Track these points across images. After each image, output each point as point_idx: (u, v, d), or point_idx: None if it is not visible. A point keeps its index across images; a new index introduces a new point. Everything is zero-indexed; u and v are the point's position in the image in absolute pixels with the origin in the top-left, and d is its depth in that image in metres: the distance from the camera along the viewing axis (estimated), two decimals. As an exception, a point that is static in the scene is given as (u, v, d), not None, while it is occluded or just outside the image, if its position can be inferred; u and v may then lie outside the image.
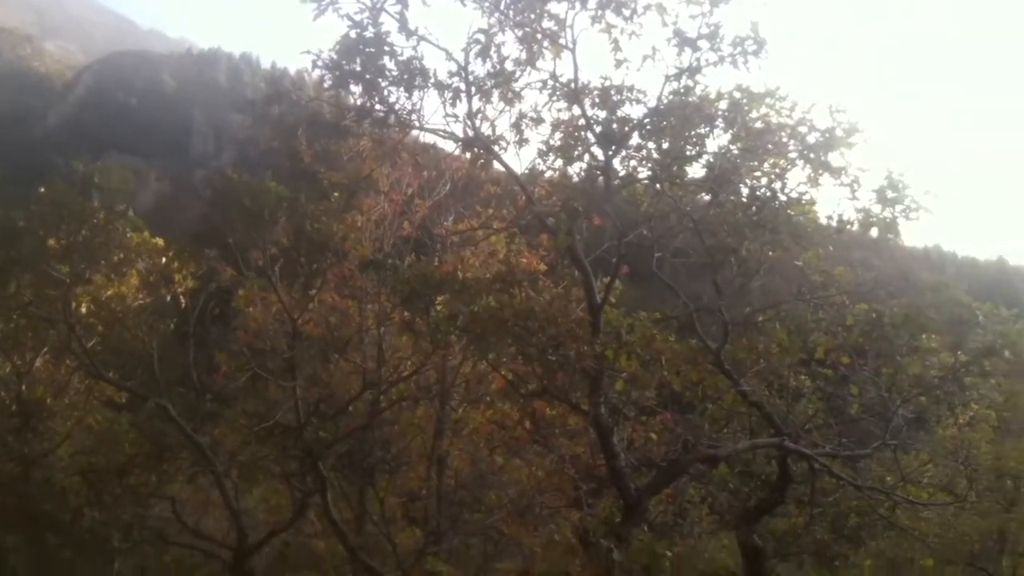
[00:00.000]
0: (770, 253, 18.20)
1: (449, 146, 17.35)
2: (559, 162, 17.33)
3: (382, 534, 18.55)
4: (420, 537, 20.42)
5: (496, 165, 17.34)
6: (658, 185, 17.55)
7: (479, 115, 16.41)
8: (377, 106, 16.30)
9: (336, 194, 18.24)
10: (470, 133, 16.12)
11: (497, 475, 20.74)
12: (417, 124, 16.27)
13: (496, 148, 16.61)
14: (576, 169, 17.22)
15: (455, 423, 21.15)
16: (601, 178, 16.58)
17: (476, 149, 16.57)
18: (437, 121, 16.45)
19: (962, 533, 23.53)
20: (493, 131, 16.41)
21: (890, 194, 17.18)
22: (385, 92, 16.17)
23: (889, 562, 23.69)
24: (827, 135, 16.48)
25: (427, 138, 20.44)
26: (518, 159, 23.97)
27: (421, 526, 21.19)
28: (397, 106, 16.28)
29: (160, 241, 20.19)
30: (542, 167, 17.47)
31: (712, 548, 24.14)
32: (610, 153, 16.40)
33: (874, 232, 18.04)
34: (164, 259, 19.79)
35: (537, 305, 16.16)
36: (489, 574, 19.29)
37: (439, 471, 21.25)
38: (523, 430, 20.51)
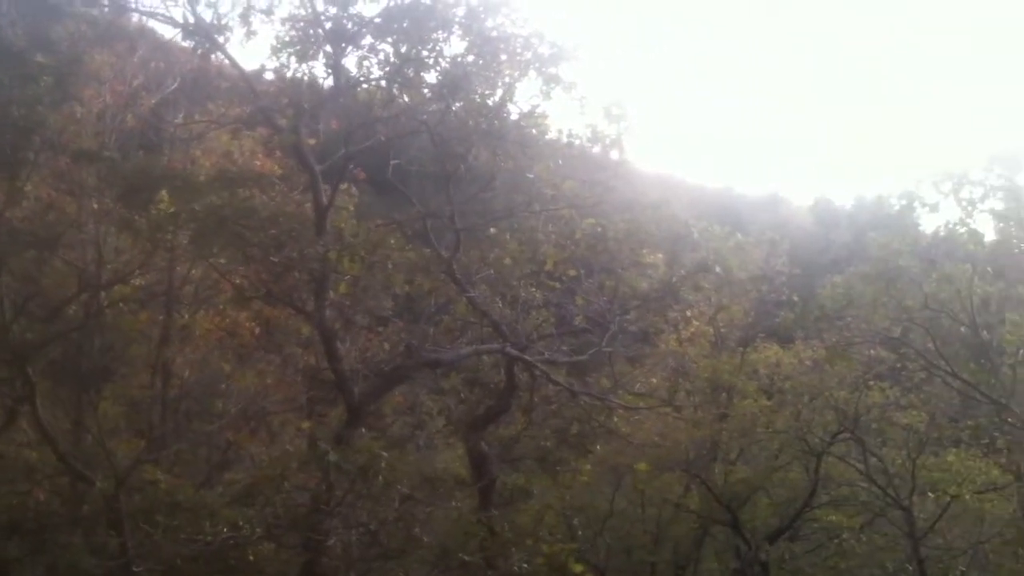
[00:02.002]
0: (502, 164, 18.49)
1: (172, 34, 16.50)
2: (292, 59, 16.80)
3: (97, 442, 17.70)
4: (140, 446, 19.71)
5: (223, 59, 16.62)
6: (394, 89, 17.39)
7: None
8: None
9: (47, 78, 16.90)
10: (191, 19, 15.35)
11: (225, 383, 20.31)
12: (132, 5, 15.32)
13: (222, 40, 15.92)
14: (308, 68, 16.72)
15: (182, 329, 20.42)
16: (331, 77, 16.22)
17: (198, 38, 15.81)
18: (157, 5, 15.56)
19: (677, 442, 25.05)
20: (218, 20, 15.68)
21: (615, 111, 17.81)
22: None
23: (611, 468, 24.94)
24: (557, 48, 16.78)
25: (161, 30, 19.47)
26: (246, 53, 23.00)
27: (145, 436, 20.44)
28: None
29: None
30: (274, 64, 16.91)
31: (448, 458, 24.65)
32: (341, 50, 16.03)
33: (598, 148, 18.69)
34: None
35: (260, 204, 15.71)
36: (215, 483, 18.83)
37: (164, 379, 20.53)
38: (252, 336, 20.11)
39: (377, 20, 15.92)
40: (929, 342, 21.36)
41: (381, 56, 17.00)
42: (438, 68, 17.05)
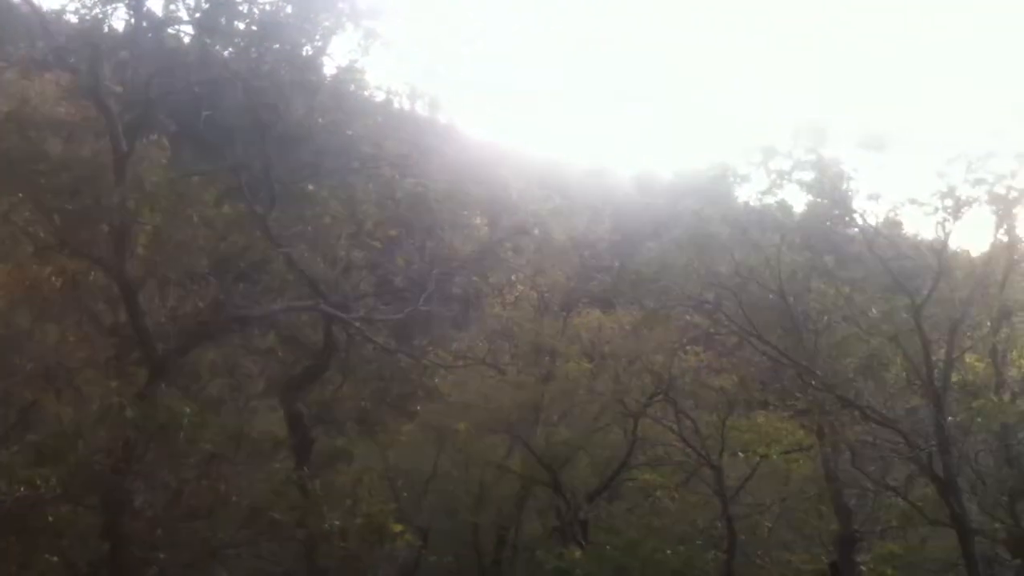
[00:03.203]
0: (319, 120, 18.10)
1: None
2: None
3: None
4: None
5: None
6: (204, 37, 16.76)
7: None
8: None
9: None
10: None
11: (24, 339, 19.21)
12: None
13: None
14: (111, 9, 15.92)
15: (-25, 282, 19.19)
16: (134, 20, 15.48)
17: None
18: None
19: (500, 404, 25.28)
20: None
21: (433, 70, 17.68)
22: None
23: (434, 430, 24.95)
24: (374, 1, 16.51)
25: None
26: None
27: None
28: None
29: None
30: (75, 5, 16.03)
31: (269, 420, 24.16)
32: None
33: (421, 107, 18.56)
34: None
35: (51, 148, 14.86)
36: (11, 443, 17.84)
37: (-44, 338, 19.28)
38: (55, 291, 19.08)
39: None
40: (739, 308, 22.14)
41: (190, 1, 16.38)
42: (251, 16, 16.55)
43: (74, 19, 16.69)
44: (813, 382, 20.63)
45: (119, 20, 16.20)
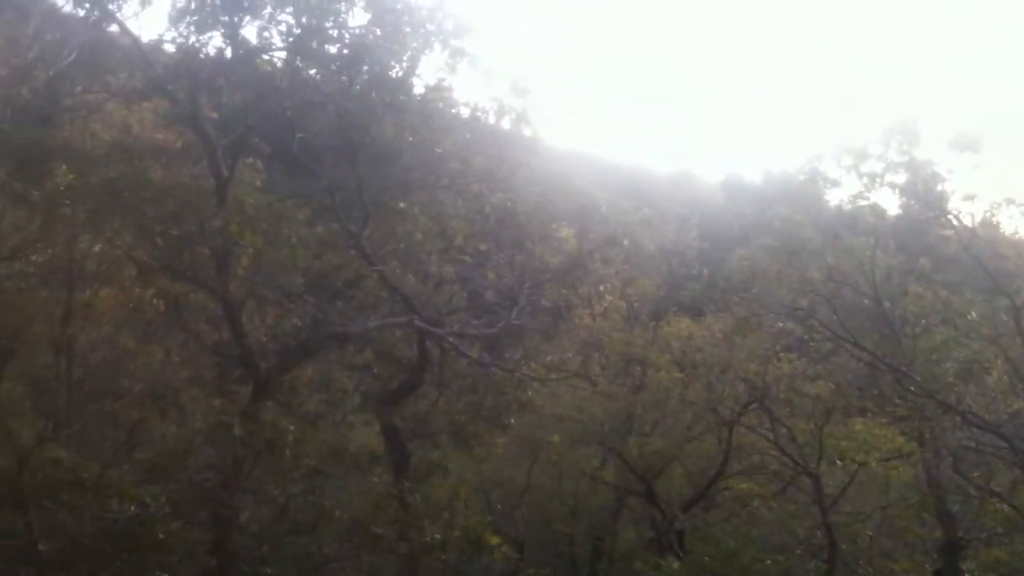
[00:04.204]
0: (409, 139, 18.42)
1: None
2: (191, 29, 16.50)
3: (1, 425, 17.24)
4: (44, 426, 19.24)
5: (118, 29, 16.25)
6: (296, 61, 17.21)
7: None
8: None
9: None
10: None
11: (130, 361, 19.93)
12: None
13: (115, 8, 15.55)
14: (207, 38, 16.45)
15: (84, 306, 19.95)
16: (230, 48, 15.98)
17: (90, 6, 15.43)
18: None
19: (592, 415, 25.29)
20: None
21: (520, 85, 17.87)
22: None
23: (527, 442, 25.06)
24: (461, 21, 16.77)
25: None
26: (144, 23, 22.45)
27: (49, 416, 19.97)
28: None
29: None
30: (172, 34, 16.61)
31: (364, 435, 24.55)
32: (239, 20, 15.77)
33: (507, 122, 18.74)
34: None
35: (155, 176, 15.40)
36: (121, 463, 18.49)
37: (68, 358, 20.06)
38: (157, 314, 19.76)
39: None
40: (833, 314, 21.81)
41: (283, 27, 16.83)
42: (341, 40, 16.93)
43: (171, 48, 17.29)
44: (912, 387, 20.19)
45: (214, 48, 16.66)
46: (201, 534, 16.26)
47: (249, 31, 16.42)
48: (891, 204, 22.64)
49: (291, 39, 16.86)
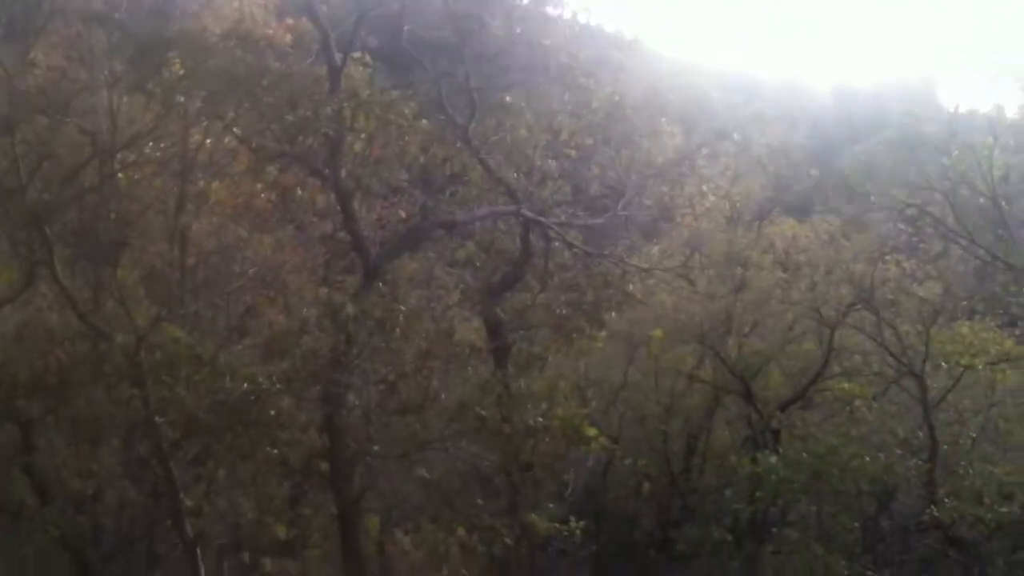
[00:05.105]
0: (518, 30, 18.27)
1: None
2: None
3: (119, 304, 17.92)
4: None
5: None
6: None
7: None
8: None
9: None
10: None
11: (241, 249, 20.43)
12: None
13: None
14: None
15: (197, 196, 20.44)
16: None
17: None
18: None
19: (692, 314, 25.29)
20: None
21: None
22: None
23: (625, 340, 25.21)
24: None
25: None
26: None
27: (164, 301, 20.67)
28: None
29: None
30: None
31: (463, 330, 24.92)
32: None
33: (608, 26, 18.39)
34: None
35: (271, 62, 15.59)
36: (232, 344, 19.11)
37: (181, 246, 20.65)
38: (268, 203, 20.15)
39: None
40: (948, 214, 21.32)
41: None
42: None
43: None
44: (1027, 287, 19.74)
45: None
46: (312, 412, 16.81)
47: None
48: (1011, 104, 21.91)
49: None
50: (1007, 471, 21.62)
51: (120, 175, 19.48)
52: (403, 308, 15.15)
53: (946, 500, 20.30)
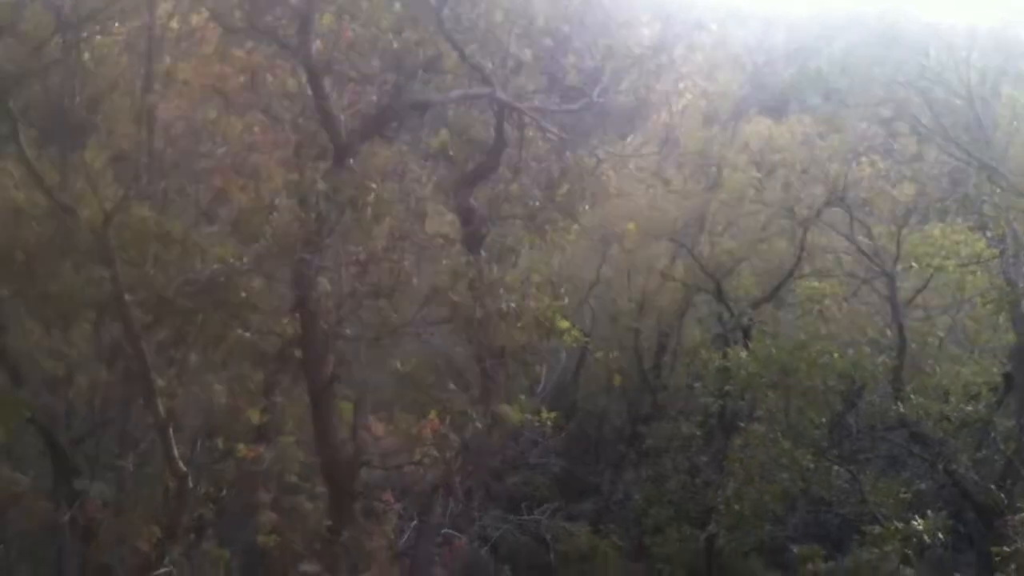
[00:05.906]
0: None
1: None
2: None
3: (86, 184, 17.55)
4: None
5: None
6: None
7: None
8: None
9: None
10: None
11: (210, 132, 19.99)
12: None
13: None
14: None
15: (164, 75, 19.93)
16: None
17: None
18: None
19: (666, 212, 25.23)
20: None
21: None
22: None
23: (599, 238, 25.13)
24: None
25: None
26: None
27: (133, 182, 20.28)
28: None
29: None
30: None
31: (436, 223, 24.75)
32: None
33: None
34: None
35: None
36: (200, 226, 18.80)
37: (148, 127, 20.20)
38: (236, 88, 19.67)
39: None
40: (924, 112, 21.22)
41: None
42: None
43: None
44: (1001, 186, 19.74)
45: None
46: (284, 297, 16.66)
47: None
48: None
49: None
50: (974, 371, 21.99)
51: (86, 54, 19.01)
52: (374, 186, 14.88)
53: (912, 397, 20.63)
